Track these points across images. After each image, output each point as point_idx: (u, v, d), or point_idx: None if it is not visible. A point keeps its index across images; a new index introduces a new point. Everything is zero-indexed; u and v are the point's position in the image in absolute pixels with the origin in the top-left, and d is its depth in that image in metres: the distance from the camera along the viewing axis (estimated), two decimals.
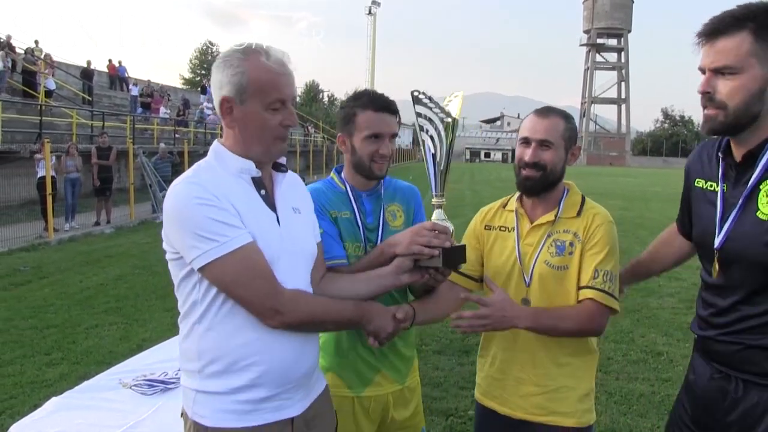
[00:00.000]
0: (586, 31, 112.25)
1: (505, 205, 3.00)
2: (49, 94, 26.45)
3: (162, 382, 3.65)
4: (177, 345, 4.24)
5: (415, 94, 2.59)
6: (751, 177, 2.28)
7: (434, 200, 2.65)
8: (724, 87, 2.20)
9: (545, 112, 2.83)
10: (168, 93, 39.98)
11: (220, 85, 2.33)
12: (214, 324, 2.29)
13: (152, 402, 3.41)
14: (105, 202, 18.57)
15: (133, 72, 42.24)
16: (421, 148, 2.65)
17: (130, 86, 36.97)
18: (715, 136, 2.48)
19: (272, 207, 2.41)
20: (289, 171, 2.61)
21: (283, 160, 2.56)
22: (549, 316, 2.70)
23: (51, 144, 16.76)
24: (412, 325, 2.80)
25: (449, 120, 2.57)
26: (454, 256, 2.61)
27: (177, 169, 23.52)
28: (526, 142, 2.79)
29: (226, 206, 2.23)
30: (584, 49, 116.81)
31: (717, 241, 2.35)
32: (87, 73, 32.66)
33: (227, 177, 2.32)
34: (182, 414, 2.42)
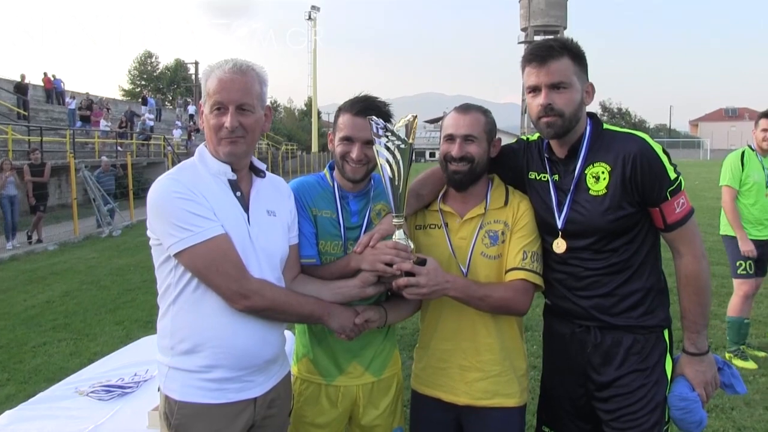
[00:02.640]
0: (524, 29, 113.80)
1: (427, 206, 3.15)
2: None
3: (119, 387, 3.69)
4: (131, 352, 4.27)
5: (371, 122, 2.69)
6: (576, 166, 2.87)
7: (394, 221, 2.77)
8: (560, 99, 2.77)
9: (466, 109, 3.01)
10: (108, 105, 39.25)
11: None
12: (186, 306, 2.55)
13: (110, 406, 3.45)
14: (37, 220, 17.99)
15: (71, 85, 41.40)
16: (380, 171, 2.77)
17: (68, 99, 36.22)
18: (532, 137, 3.14)
19: (245, 208, 2.66)
20: (273, 176, 2.86)
21: (262, 165, 2.80)
22: (480, 286, 2.90)
23: None
24: (386, 324, 3.02)
25: (405, 146, 2.68)
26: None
27: (121, 182, 23.14)
28: (450, 138, 2.96)
29: (202, 201, 2.49)
30: (522, 46, 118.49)
31: (560, 223, 2.89)
32: (21, 88, 31.81)
33: (207, 177, 2.60)
34: (159, 388, 2.67)
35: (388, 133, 2.67)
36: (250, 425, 2.69)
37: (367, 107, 2.92)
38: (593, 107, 2.99)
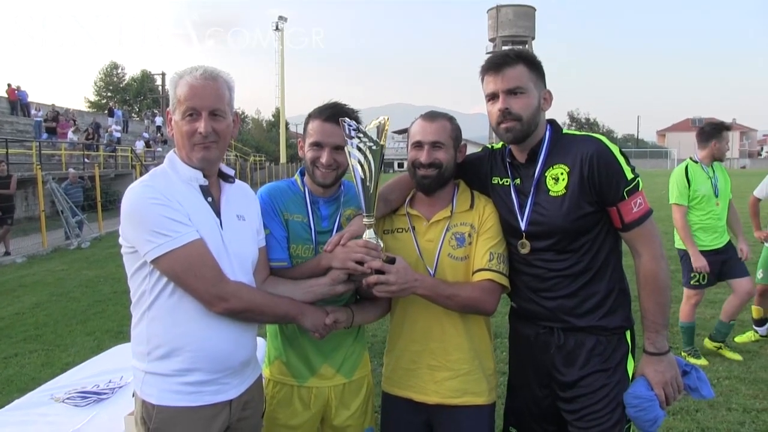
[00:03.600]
0: (492, 40, 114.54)
1: (395, 211, 3.25)
2: None
3: (95, 393, 3.75)
4: (105, 360, 4.36)
5: (343, 124, 2.78)
6: (536, 170, 2.98)
7: (365, 220, 2.86)
8: (517, 104, 2.89)
9: (432, 116, 3.12)
10: (74, 117, 38.84)
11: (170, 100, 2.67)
12: (161, 312, 2.59)
13: (86, 412, 3.51)
14: (3, 233, 17.76)
15: (36, 97, 40.82)
16: (352, 172, 2.85)
17: (33, 111, 35.76)
18: (496, 145, 3.25)
19: (217, 213, 2.71)
20: (239, 181, 2.92)
21: (230, 171, 2.86)
22: (448, 285, 2.99)
23: None
24: (352, 325, 3.11)
25: (376, 147, 2.77)
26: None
27: (89, 194, 22.93)
28: (419, 145, 3.06)
29: (177, 206, 2.53)
30: None
31: (523, 225, 3.00)
32: None
33: (179, 183, 2.64)
34: (134, 394, 2.72)
35: (360, 135, 2.75)
36: (226, 427, 2.75)
37: (336, 113, 3.00)
38: (560, 117, 3.10)
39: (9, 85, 37.07)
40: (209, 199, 2.71)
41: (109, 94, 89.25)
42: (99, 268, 14.80)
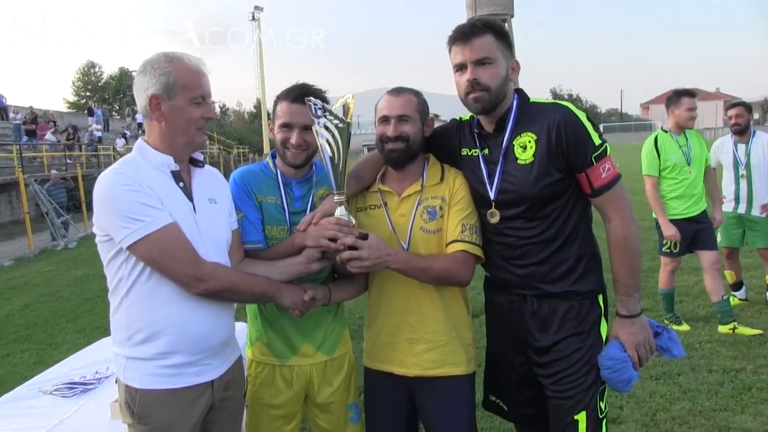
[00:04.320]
0: (470, 19, 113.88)
1: (367, 188, 3.29)
2: None
3: (81, 384, 3.81)
4: (91, 353, 4.42)
5: (309, 104, 2.82)
6: (503, 139, 3.01)
7: (336, 198, 2.90)
8: (485, 74, 2.90)
9: (398, 91, 3.15)
10: (53, 118, 38.58)
11: (146, 86, 2.67)
12: (139, 298, 2.63)
13: (73, 403, 3.57)
14: None
15: (13, 100, 40.42)
16: (320, 151, 2.89)
17: (11, 114, 35.48)
18: (464, 117, 3.26)
19: (189, 197, 2.76)
20: (208, 165, 2.95)
21: (200, 156, 2.90)
22: (422, 258, 3.04)
23: None
24: (329, 303, 3.17)
25: (343, 125, 2.81)
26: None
27: (72, 194, 22.84)
28: (385, 119, 3.09)
29: (149, 192, 2.57)
30: None
31: (492, 194, 3.03)
32: None
33: (149, 170, 2.67)
34: (116, 380, 2.76)
35: (327, 113, 2.79)
36: (209, 407, 2.81)
37: (303, 93, 3.02)
38: (543, 94, 3.12)
39: None
40: (181, 184, 2.75)
41: (87, 93, 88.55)
42: (87, 266, 14.78)
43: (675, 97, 7.09)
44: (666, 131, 7.13)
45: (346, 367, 3.43)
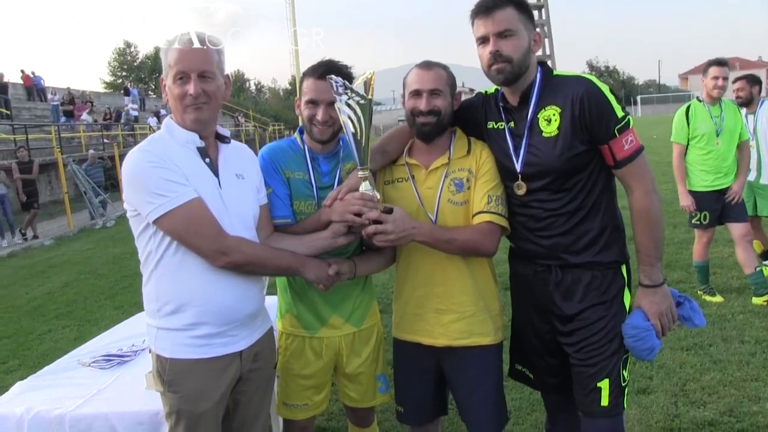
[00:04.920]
0: None
1: (394, 162, 3.31)
2: None
3: (118, 356, 3.92)
4: (127, 327, 4.55)
5: (331, 81, 2.85)
6: (528, 112, 3.02)
7: (360, 173, 2.93)
8: (507, 46, 2.92)
9: (428, 65, 3.16)
10: (90, 99, 39.10)
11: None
12: (167, 270, 2.72)
13: (111, 374, 3.67)
14: (31, 217, 18.10)
15: (51, 81, 40.99)
16: (343, 128, 2.93)
17: (49, 95, 36.02)
18: (490, 90, 3.27)
19: (215, 173, 2.81)
20: (235, 141, 3.00)
21: (226, 132, 2.95)
22: (447, 230, 3.08)
23: None
24: (355, 277, 3.21)
25: (364, 102, 2.84)
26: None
27: (110, 173, 23.18)
28: (417, 93, 3.11)
29: (174, 168, 2.64)
30: None
31: (518, 166, 3.05)
32: (1, 87, 31.47)
33: (176, 147, 2.74)
34: (149, 350, 2.87)
35: (348, 91, 2.82)
36: (238, 378, 2.88)
37: (328, 69, 3.05)
38: (579, 67, 3.11)
39: (23, 71, 37.33)
40: (207, 160, 2.80)
41: (124, 73, 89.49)
42: (124, 244, 14.96)
43: (705, 66, 7.01)
44: (700, 101, 7.03)
45: (375, 338, 3.49)
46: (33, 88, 36.93)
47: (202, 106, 2.73)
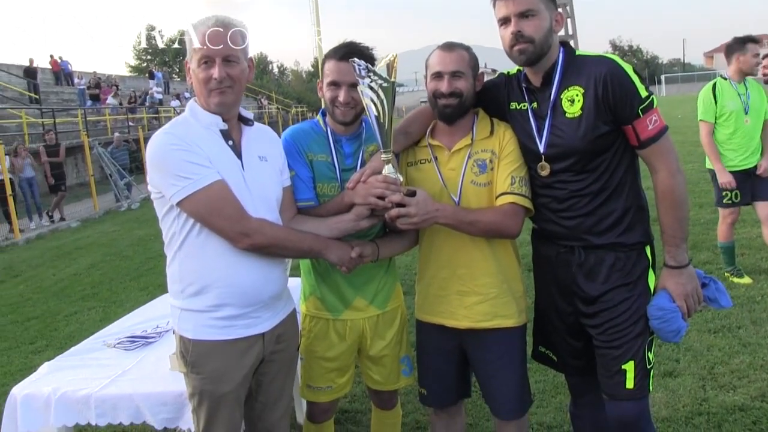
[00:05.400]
0: None
1: (417, 143, 3.29)
2: None
3: (143, 337, 3.97)
4: (152, 308, 4.59)
5: (353, 64, 2.84)
6: (551, 92, 3.00)
7: (383, 156, 2.92)
8: (529, 26, 2.89)
9: (449, 46, 3.14)
10: (116, 83, 39.42)
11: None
12: (191, 252, 2.73)
13: (135, 355, 3.72)
14: (58, 199, 18.34)
15: (78, 65, 41.45)
16: (366, 111, 2.92)
17: (76, 80, 36.37)
18: (512, 71, 3.25)
19: (238, 155, 2.82)
20: (258, 123, 3.00)
21: (249, 114, 2.95)
22: (470, 212, 3.06)
23: (4, 146, 16.53)
24: (378, 259, 3.20)
25: (387, 84, 2.82)
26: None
27: (135, 156, 23.36)
28: (439, 75, 3.08)
29: (197, 150, 2.65)
30: None
31: (541, 147, 3.03)
32: (30, 72, 31.95)
33: (199, 129, 2.75)
34: (173, 331, 2.89)
35: (371, 74, 2.81)
36: (261, 359, 2.89)
37: (350, 51, 3.04)
38: (602, 47, 3.06)
39: (51, 56, 37.73)
40: (230, 142, 2.80)
41: (148, 57, 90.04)
42: (149, 227, 15.13)
43: (738, 44, 6.84)
44: (725, 78, 6.91)
45: (398, 320, 3.47)
46: (60, 73, 37.33)
47: (226, 90, 2.73)
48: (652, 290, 3.03)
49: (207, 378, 2.75)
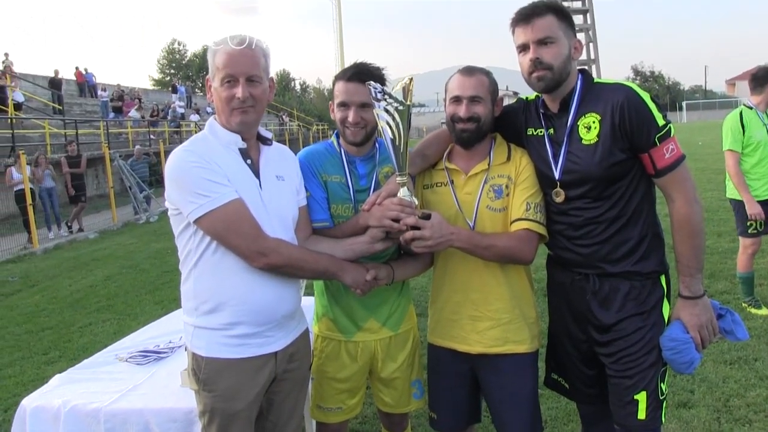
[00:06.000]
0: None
1: (433, 166, 3.30)
2: (18, 106, 26.12)
3: (155, 352, 3.97)
4: (165, 323, 4.60)
5: (369, 88, 2.86)
6: (568, 119, 3.00)
7: (398, 179, 2.93)
8: (548, 53, 2.92)
9: (470, 71, 3.15)
10: (139, 95, 39.81)
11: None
12: (206, 269, 2.74)
13: (147, 370, 3.72)
14: (78, 210, 18.48)
15: (102, 78, 41.94)
16: (382, 134, 2.93)
17: (99, 92, 36.77)
18: (531, 97, 3.26)
19: (256, 174, 2.83)
20: (276, 143, 3.03)
21: (268, 134, 2.97)
22: (485, 236, 3.05)
23: (26, 156, 16.67)
24: (393, 282, 3.20)
25: (402, 108, 2.84)
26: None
27: (155, 169, 23.52)
28: (457, 100, 3.09)
29: (216, 168, 2.66)
30: None
31: (557, 173, 3.03)
32: (55, 83, 32.41)
33: (218, 147, 2.76)
34: (185, 348, 2.89)
35: (386, 97, 2.82)
36: (273, 378, 2.88)
37: (359, 72, 3.08)
38: (624, 72, 3.06)
39: (77, 68, 38.30)
40: (248, 161, 2.82)
41: (172, 71, 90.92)
42: (166, 240, 15.10)
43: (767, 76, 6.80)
44: (750, 108, 6.86)
45: (411, 343, 3.46)
46: (85, 85, 37.87)
47: (248, 110, 2.77)
48: (666, 320, 3.01)
49: (219, 396, 2.75)
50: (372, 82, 2.88)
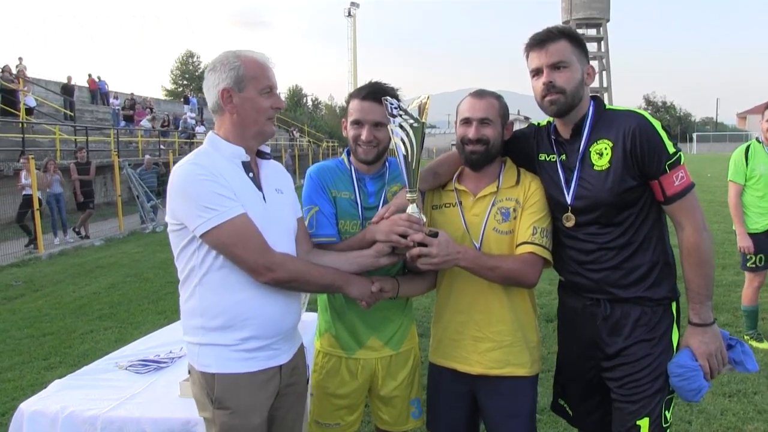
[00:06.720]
0: (565, 22, 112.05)
1: (443, 187, 3.32)
2: (29, 111, 26.31)
3: (155, 362, 3.97)
4: (166, 333, 4.60)
5: (386, 103, 2.88)
6: (580, 144, 3.03)
7: (408, 195, 2.93)
8: (560, 78, 2.95)
9: (480, 94, 3.18)
10: (151, 105, 40.00)
11: (216, 82, 2.79)
12: (212, 285, 2.71)
13: (146, 379, 3.73)
14: (85, 217, 18.52)
15: (115, 86, 42.15)
16: (395, 150, 2.94)
17: (111, 99, 36.94)
18: (542, 123, 3.29)
19: (259, 187, 2.84)
20: (271, 159, 3.03)
21: (267, 148, 2.98)
22: (490, 257, 3.06)
23: (35, 161, 16.75)
24: (397, 296, 3.20)
25: (417, 125, 2.85)
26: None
27: (163, 179, 23.61)
28: (467, 122, 3.12)
29: (223, 182, 2.66)
30: None
31: (569, 199, 3.05)
32: (67, 89, 32.56)
33: (222, 161, 2.76)
34: (189, 371, 2.85)
35: (402, 113, 2.83)
36: (276, 393, 2.86)
37: (374, 91, 3.10)
38: (636, 101, 3.08)
39: (90, 75, 38.51)
40: (250, 174, 2.83)
41: (185, 82, 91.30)
42: (171, 250, 15.19)
43: (764, 107, 6.88)
44: (760, 142, 6.90)
45: (411, 362, 3.46)
46: (97, 92, 38.02)
47: (273, 120, 2.88)
48: (675, 347, 3.01)
49: (236, 412, 2.70)
50: (389, 98, 2.90)
